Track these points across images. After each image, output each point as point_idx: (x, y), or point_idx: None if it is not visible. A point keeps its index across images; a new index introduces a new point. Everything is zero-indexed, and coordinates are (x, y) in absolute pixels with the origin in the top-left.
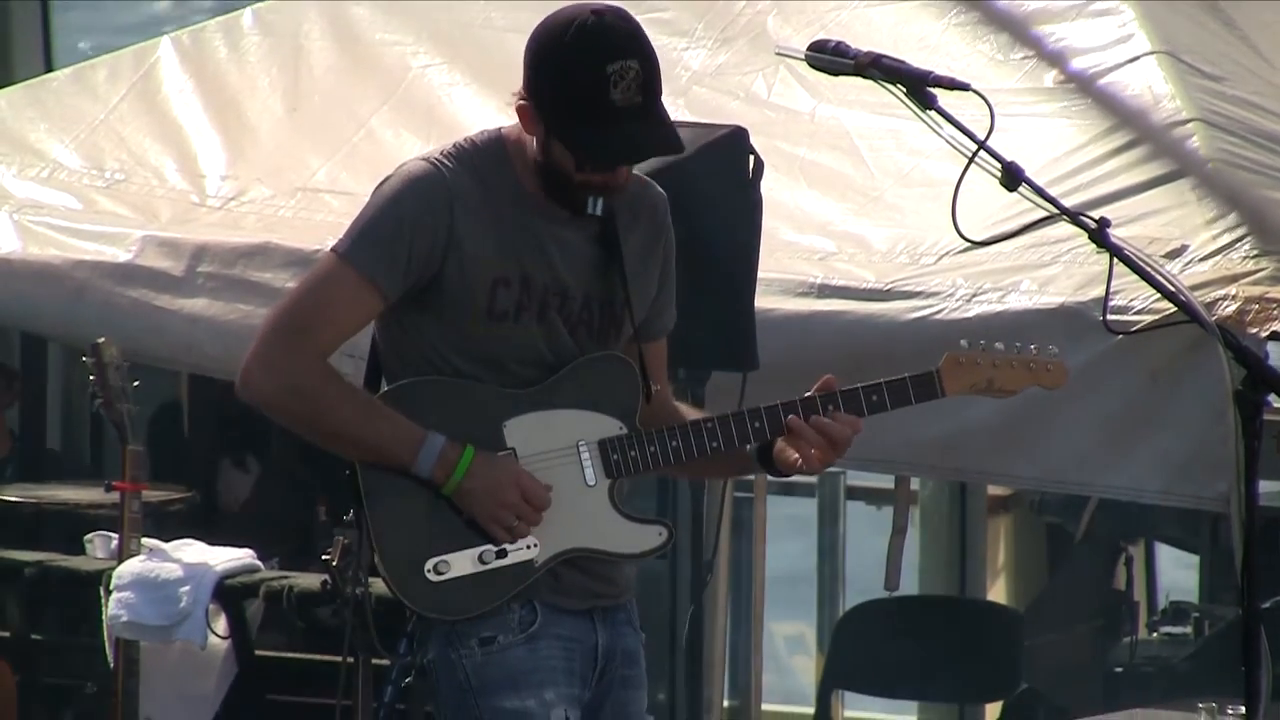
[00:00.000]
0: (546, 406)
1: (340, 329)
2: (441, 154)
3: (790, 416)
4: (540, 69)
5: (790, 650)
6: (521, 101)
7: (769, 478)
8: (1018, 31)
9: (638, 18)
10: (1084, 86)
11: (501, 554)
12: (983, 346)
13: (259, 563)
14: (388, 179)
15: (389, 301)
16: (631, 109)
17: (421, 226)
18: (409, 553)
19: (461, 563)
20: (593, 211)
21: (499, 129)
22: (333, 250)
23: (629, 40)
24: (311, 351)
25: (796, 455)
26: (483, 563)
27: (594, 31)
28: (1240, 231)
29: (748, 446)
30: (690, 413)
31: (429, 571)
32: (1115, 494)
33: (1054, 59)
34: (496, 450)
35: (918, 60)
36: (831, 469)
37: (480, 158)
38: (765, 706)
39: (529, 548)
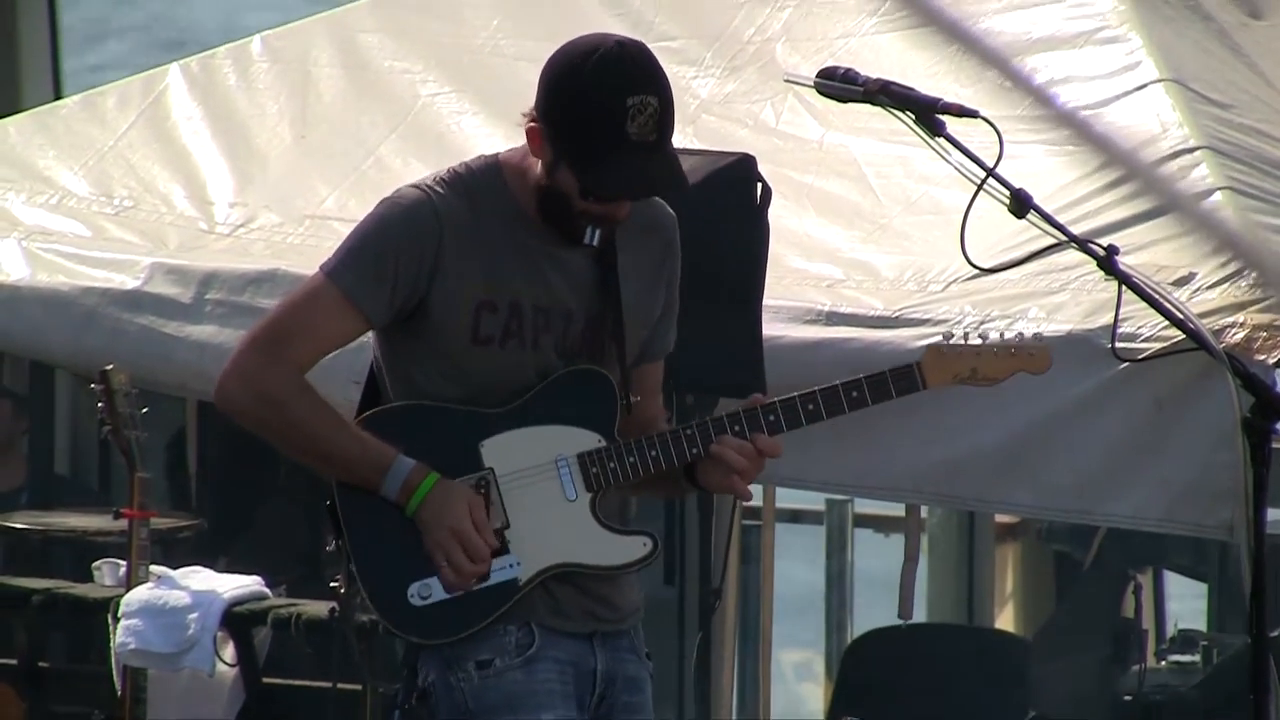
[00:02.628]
0: (523, 424)
1: (318, 344)
2: (434, 180)
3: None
4: (558, 92)
5: (798, 677)
6: (532, 124)
7: (776, 505)
8: (1004, 68)
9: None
10: (1069, 119)
11: (484, 575)
12: (966, 336)
13: (267, 590)
14: (380, 203)
15: (374, 324)
16: (644, 144)
17: (407, 252)
18: (392, 579)
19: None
20: (590, 242)
21: (496, 155)
22: (321, 268)
23: (651, 77)
24: (287, 363)
25: (732, 465)
26: None
27: (617, 62)
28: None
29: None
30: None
31: (412, 596)
32: (1115, 522)
33: (1040, 94)
34: (475, 471)
35: (926, 87)
36: (839, 496)
37: (475, 183)
38: None
39: (511, 566)
